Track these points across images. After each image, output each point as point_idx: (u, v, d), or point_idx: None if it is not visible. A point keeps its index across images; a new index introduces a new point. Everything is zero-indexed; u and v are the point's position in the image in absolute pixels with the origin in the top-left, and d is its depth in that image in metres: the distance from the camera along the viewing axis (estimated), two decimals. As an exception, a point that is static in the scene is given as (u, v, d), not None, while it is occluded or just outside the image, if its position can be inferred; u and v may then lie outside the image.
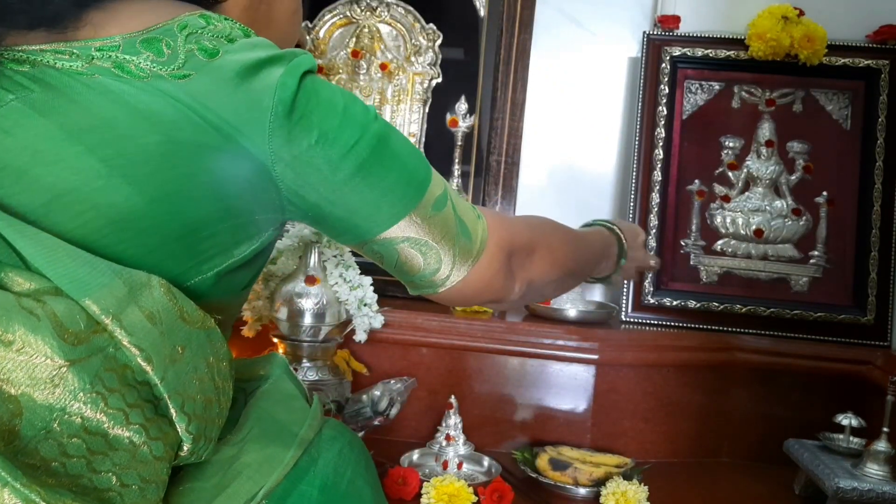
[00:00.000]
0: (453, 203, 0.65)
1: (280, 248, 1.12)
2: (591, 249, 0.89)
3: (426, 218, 0.62)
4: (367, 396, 1.03)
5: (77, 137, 0.51)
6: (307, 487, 0.56)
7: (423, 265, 0.63)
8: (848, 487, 0.93)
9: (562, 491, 1.04)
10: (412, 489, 0.98)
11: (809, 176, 1.38)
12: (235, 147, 0.54)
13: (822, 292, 1.33)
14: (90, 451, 0.44)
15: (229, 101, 0.54)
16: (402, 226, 0.61)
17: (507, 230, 0.70)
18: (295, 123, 0.55)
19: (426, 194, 0.62)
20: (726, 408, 1.24)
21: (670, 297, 1.35)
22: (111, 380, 0.46)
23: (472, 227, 0.65)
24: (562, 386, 1.21)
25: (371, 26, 1.48)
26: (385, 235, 0.61)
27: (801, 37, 1.33)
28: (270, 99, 0.54)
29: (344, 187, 0.58)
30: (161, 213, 0.53)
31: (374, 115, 0.60)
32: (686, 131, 1.40)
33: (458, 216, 0.64)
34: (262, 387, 0.66)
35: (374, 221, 0.60)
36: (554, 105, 1.51)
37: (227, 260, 0.57)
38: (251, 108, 0.54)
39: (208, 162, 0.53)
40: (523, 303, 0.81)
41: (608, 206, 1.51)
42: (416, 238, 0.61)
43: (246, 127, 0.54)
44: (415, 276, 0.65)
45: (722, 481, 1.15)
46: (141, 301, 0.49)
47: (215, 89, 0.53)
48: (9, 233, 0.48)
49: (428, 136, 1.44)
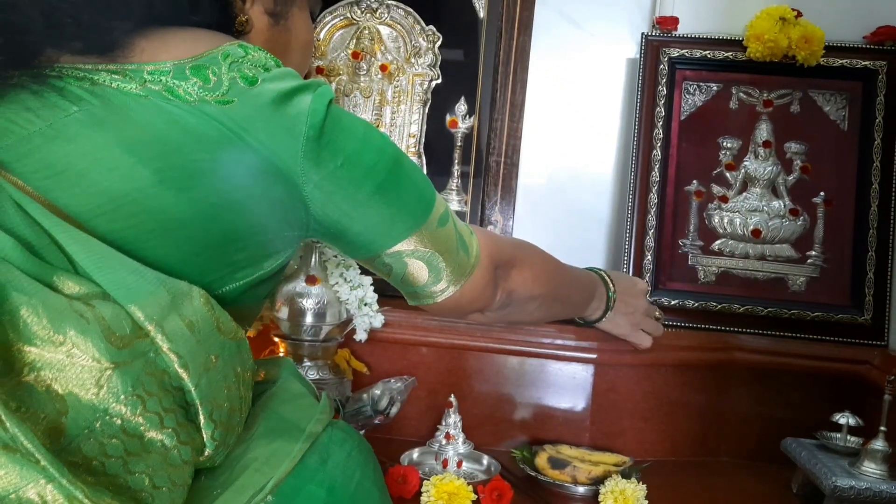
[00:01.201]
0: (454, 220, 0.73)
1: (281, 248, 1.12)
2: (574, 279, 0.97)
3: (433, 233, 0.69)
4: (367, 395, 1.03)
5: (132, 149, 0.55)
6: (316, 488, 0.58)
7: (427, 277, 0.71)
8: (845, 486, 0.94)
9: (560, 489, 1.04)
10: (412, 487, 0.98)
11: (807, 176, 1.38)
12: (271, 168, 0.59)
13: (819, 292, 1.34)
14: (127, 452, 0.46)
15: (266, 126, 0.59)
16: (413, 240, 0.69)
17: (496, 245, 0.79)
18: (323, 147, 0.61)
19: (433, 211, 0.70)
20: (724, 407, 1.24)
21: (668, 297, 1.35)
22: (150, 384, 0.48)
23: (468, 242, 0.74)
24: (561, 385, 1.21)
25: (371, 28, 1.49)
26: (396, 249, 0.68)
27: (799, 38, 1.34)
28: (304, 125, 0.60)
29: (364, 204, 0.65)
30: (203, 222, 0.57)
31: (388, 140, 0.68)
32: (684, 132, 1.41)
33: (458, 232, 0.73)
34: (269, 390, 0.68)
35: (389, 235, 0.68)
36: (553, 106, 1.52)
37: (257, 272, 0.62)
38: (286, 132, 0.59)
39: (246, 180, 0.58)
40: (505, 315, 0.86)
41: (607, 207, 1.51)
42: (424, 251, 0.69)
43: (280, 150, 0.59)
44: (418, 287, 0.73)
45: (720, 480, 1.16)
46: (182, 310, 0.52)
47: (254, 115, 0.58)
48: (63, 238, 0.51)
49: (428, 136, 1.45)
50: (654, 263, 1.36)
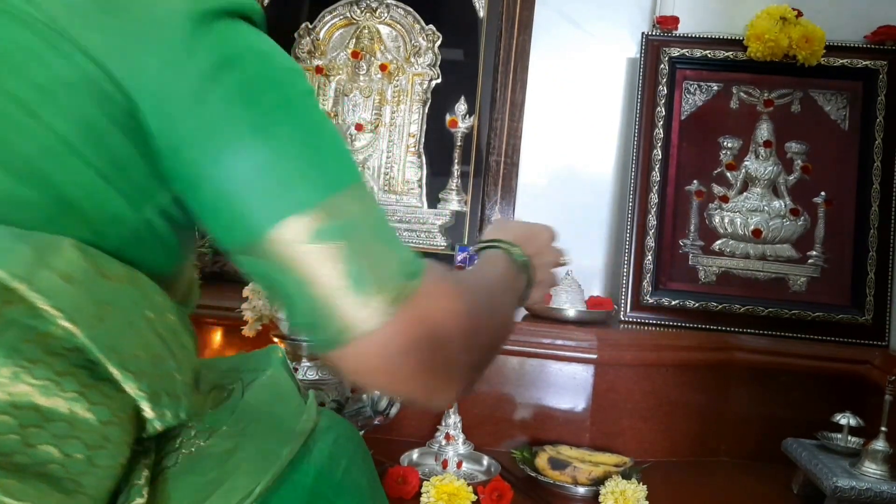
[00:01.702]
0: (378, 228, 0.50)
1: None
2: (509, 286, 0.70)
3: (335, 228, 0.47)
4: (367, 396, 1.03)
5: None
6: (301, 476, 0.55)
7: (336, 282, 0.47)
8: (846, 486, 0.93)
9: (561, 490, 1.04)
10: (412, 488, 0.98)
11: (807, 176, 1.38)
12: (93, 75, 0.45)
13: (820, 292, 1.34)
14: (22, 426, 0.42)
15: (99, 18, 0.46)
16: (306, 222, 0.46)
17: (452, 305, 0.52)
18: (200, 37, 0.46)
19: (343, 193, 0.49)
20: (725, 407, 1.24)
21: (669, 297, 1.35)
22: (32, 351, 0.43)
23: (398, 269, 0.49)
24: (561, 385, 1.21)
25: (371, 27, 1.49)
26: (278, 235, 0.46)
27: (800, 38, 1.34)
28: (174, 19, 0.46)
29: (245, 138, 0.47)
30: (30, 190, 0.46)
31: (301, 71, 0.52)
32: (684, 132, 1.41)
33: (383, 242, 0.50)
34: (259, 378, 0.64)
35: (270, 206, 0.47)
36: (553, 105, 1.52)
37: (130, 226, 0.50)
38: (137, 26, 0.46)
39: (66, 101, 0.45)
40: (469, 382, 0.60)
41: (607, 206, 1.51)
42: (316, 248, 0.47)
43: (116, 52, 0.45)
44: (318, 302, 0.48)
45: (720, 480, 1.16)
46: (52, 263, 0.44)
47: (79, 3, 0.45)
48: None
49: (427, 136, 1.45)
50: (654, 263, 1.36)
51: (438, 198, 1.43)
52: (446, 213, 1.42)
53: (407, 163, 1.44)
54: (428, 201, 1.43)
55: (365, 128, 1.45)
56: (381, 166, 1.45)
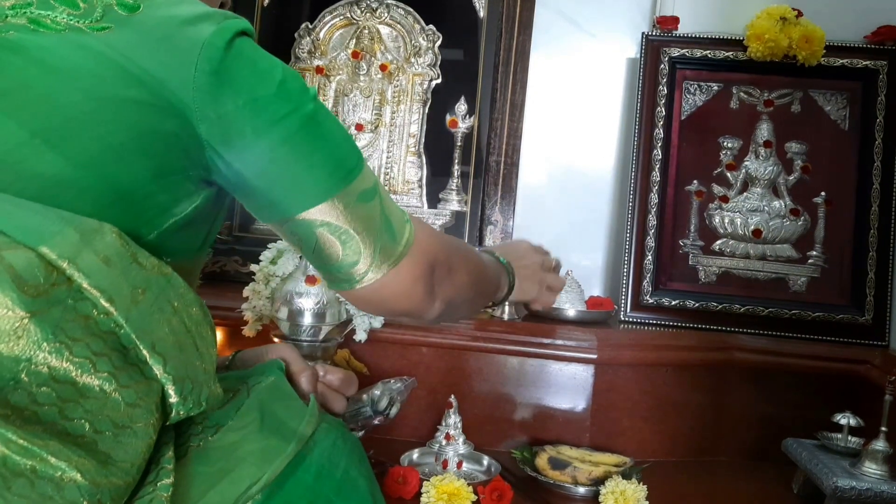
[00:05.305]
0: (382, 200, 0.65)
1: (280, 248, 1.12)
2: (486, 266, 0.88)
3: (349, 206, 0.62)
4: (367, 396, 1.03)
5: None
6: (303, 474, 0.57)
7: (341, 255, 0.63)
8: (846, 487, 0.94)
9: (561, 490, 1.04)
10: (412, 488, 0.98)
11: (807, 176, 1.38)
12: (160, 100, 0.54)
13: (820, 292, 1.34)
14: (60, 398, 0.45)
15: (154, 53, 0.54)
16: (324, 208, 0.61)
17: (435, 241, 0.70)
18: (224, 83, 0.56)
19: (353, 182, 0.62)
20: (725, 407, 1.24)
21: (669, 297, 1.35)
22: (74, 330, 0.46)
23: (398, 227, 0.66)
24: (561, 385, 1.21)
25: (371, 27, 1.49)
26: (305, 216, 0.61)
27: (800, 38, 1.34)
28: (196, 55, 0.55)
29: (267, 157, 0.58)
30: (90, 180, 0.52)
31: (312, 95, 0.61)
32: (684, 132, 1.41)
33: (385, 214, 0.65)
34: (263, 382, 0.67)
35: (296, 199, 0.60)
36: (553, 106, 1.52)
37: (169, 219, 0.57)
38: (177, 61, 0.54)
39: (132, 116, 0.53)
40: (438, 322, 0.77)
41: (607, 207, 1.51)
42: (336, 225, 0.61)
43: (170, 79, 0.54)
44: (332, 265, 0.64)
45: (720, 480, 1.16)
46: (94, 245, 0.49)
47: (139, 42, 0.54)
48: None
49: (427, 136, 1.45)
50: (654, 263, 1.36)
51: (438, 198, 1.43)
52: (446, 213, 1.42)
53: (407, 163, 1.44)
54: (428, 201, 1.43)
55: (365, 128, 1.45)
56: (381, 166, 1.45)
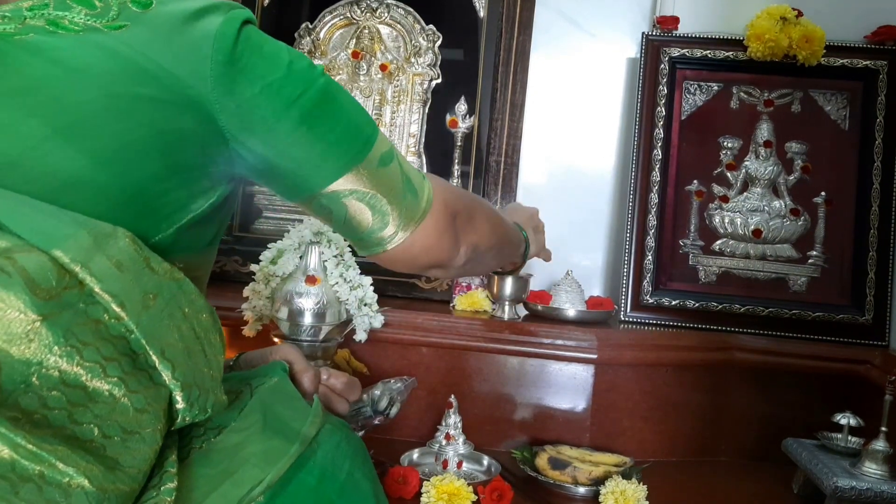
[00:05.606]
0: (399, 161, 0.68)
1: (280, 247, 1.12)
2: (511, 227, 0.92)
3: (372, 172, 0.64)
4: (367, 396, 1.03)
5: (13, 102, 0.51)
6: (306, 476, 0.57)
7: (371, 221, 0.66)
8: (846, 486, 0.94)
9: (561, 490, 1.04)
10: (412, 488, 0.98)
11: (808, 176, 1.38)
12: (177, 96, 0.55)
13: (820, 292, 1.34)
14: (70, 403, 0.45)
15: (168, 48, 0.54)
16: (350, 178, 0.63)
17: (451, 193, 0.73)
18: (238, 72, 0.57)
19: (372, 149, 0.64)
20: (725, 407, 1.24)
21: (669, 297, 1.35)
22: (84, 334, 0.46)
23: (418, 185, 0.69)
24: (561, 385, 1.21)
25: (371, 27, 1.49)
26: (332, 188, 0.63)
27: (800, 37, 1.34)
28: (209, 47, 0.55)
29: (289, 138, 0.60)
30: (109, 176, 0.53)
31: (320, 72, 0.63)
32: (685, 132, 1.41)
33: (405, 173, 0.68)
34: (266, 384, 0.67)
35: (322, 173, 0.63)
36: (553, 106, 1.52)
37: (186, 216, 0.58)
38: (192, 55, 0.55)
39: (148, 114, 0.54)
40: (466, 271, 0.81)
41: (607, 206, 1.51)
42: (364, 191, 0.64)
43: (187, 75, 0.55)
44: (363, 232, 0.67)
45: (720, 480, 1.16)
46: (107, 250, 0.49)
47: (153, 38, 0.54)
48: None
49: (428, 136, 1.45)
50: (654, 263, 1.36)
51: (438, 198, 1.43)
52: (446, 213, 1.42)
53: (407, 163, 1.44)
54: (428, 201, 1.43)
55: (365, 128, 1.45)
56: (381, 166, 1.45)
